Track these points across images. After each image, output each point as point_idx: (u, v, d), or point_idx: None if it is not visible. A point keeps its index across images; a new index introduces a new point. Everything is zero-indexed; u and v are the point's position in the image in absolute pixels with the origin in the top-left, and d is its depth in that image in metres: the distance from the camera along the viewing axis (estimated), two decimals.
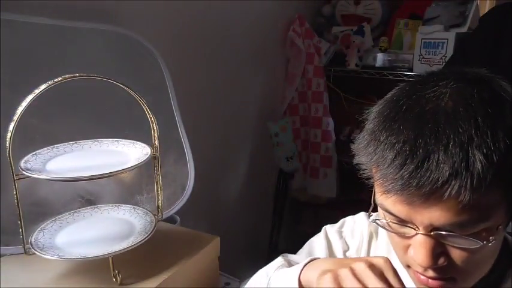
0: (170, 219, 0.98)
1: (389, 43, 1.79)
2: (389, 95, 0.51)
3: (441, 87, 0.46)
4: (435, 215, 0.44)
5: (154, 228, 0.74)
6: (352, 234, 0.70)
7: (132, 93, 0.70)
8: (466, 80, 0.47)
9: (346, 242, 0.70)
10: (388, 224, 0.50)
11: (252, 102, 1.75)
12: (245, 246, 1.87)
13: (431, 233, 0.45)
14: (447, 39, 1.55)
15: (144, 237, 0.71)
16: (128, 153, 0.77)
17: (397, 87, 0.52)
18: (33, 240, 0.70)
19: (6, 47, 0.79)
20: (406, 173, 0.43)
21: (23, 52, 0.84)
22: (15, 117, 0.63)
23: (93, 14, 1.01)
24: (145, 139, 0.78)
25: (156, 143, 0.76)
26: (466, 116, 0.43)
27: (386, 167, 0.45)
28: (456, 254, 0.46)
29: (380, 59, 1.77)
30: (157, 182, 0.79)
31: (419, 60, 1.63)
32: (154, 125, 0.75)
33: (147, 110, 0.73)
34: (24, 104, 0.63)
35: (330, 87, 1.92)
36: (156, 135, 0.75)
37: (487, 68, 0.50)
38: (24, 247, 0.69)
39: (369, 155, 0.47)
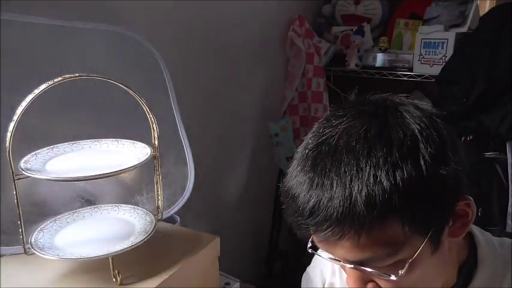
0: (170, 219, 0.98)
1: (389, 43, 1.79)
2: (309, 133, 0.51)
3: (335, 127, 0.46)
4: (342, 252, 0.46)
5: (154, 228, 0.74)
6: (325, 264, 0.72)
7: (132, 93, 0.70)
8: (360, 115, 0.46)
9: (322, 273, 0.72)
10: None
11: (252, 102, 1.75)
12: (245, 246, 1.87)
13: (352, 265, 0.47)
14: (447, 39, 1.54)
15: (144, 237, 0.71)
16: (128, 153, 0.77)
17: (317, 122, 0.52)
18: (33, 240, 0.70)
19: (6, 47, 0.79)
20: (305, 218, 0.44)
21: (23, 52, 0.84)
22: (15, 117, 0.63)
23: (93, 14, 1.01)
24: (146, 139, 0.78)
25: (156, 143, 0.76)
26: (348, 158, 0.42)
27: (293, 212, 0.46)
28: (381, 282, 0.48)
29: (380, 59, 1.77)
30: (157, 182, 0.79)
31: (419, 60, 1.63)
32: (154, 125, 0.75)
33: (147, 110, 0.73)
34: (24, 104, 0.63)
35: (330, 87, 1.92)
36: (156, 135, 0.75)
37: (486, 68, 0.49)
38: (24, 247, 0.69)
39: (287, 202, 0.48)
